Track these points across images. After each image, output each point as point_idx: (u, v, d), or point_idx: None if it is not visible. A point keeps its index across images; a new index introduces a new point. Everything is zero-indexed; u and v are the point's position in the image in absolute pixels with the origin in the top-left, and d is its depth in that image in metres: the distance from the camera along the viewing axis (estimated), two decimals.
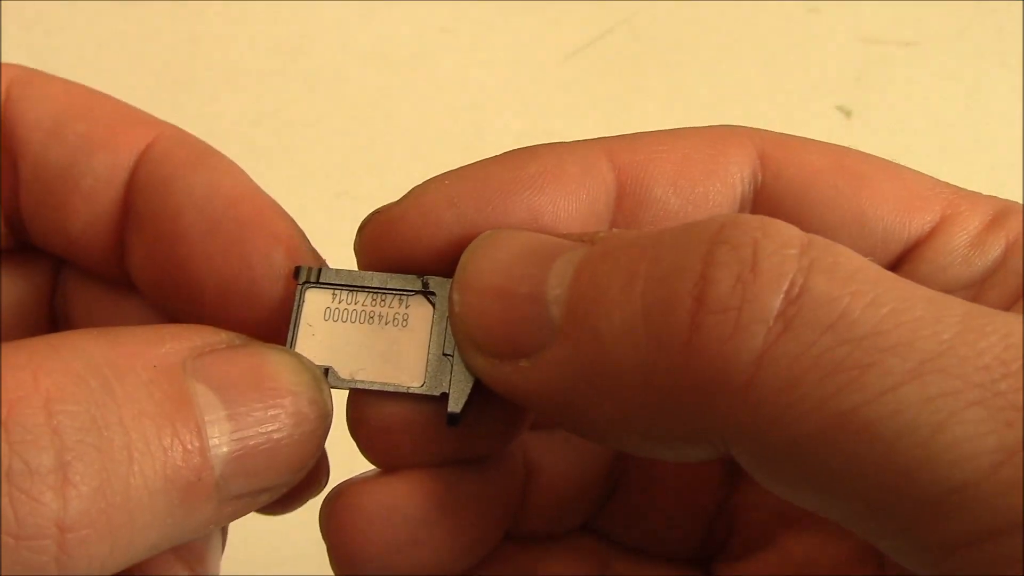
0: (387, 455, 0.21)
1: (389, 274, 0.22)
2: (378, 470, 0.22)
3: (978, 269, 0.21)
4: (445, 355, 0.21)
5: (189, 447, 0.18)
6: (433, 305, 0.21)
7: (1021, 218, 0.21)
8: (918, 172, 0.22)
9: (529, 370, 0.19)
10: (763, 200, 0.22)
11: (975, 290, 0.21)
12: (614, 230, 0.20)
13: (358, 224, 0.22)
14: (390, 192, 0.22)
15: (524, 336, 0.19)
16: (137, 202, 0.23)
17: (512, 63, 0.56)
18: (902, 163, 0.22)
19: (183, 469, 0.18)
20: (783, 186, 0.22)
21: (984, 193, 0.23)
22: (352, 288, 0.22)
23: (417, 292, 0.21)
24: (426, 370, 0.21)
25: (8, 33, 0.54)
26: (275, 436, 0.19)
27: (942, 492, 0.15)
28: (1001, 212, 0.22)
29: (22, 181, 0.24)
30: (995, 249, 0.21)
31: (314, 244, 0.24)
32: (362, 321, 0.22)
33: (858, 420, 0.15)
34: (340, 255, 0.23)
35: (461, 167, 0.21)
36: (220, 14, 0.56)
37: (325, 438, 0.20)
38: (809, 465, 0.16)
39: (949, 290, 0.21)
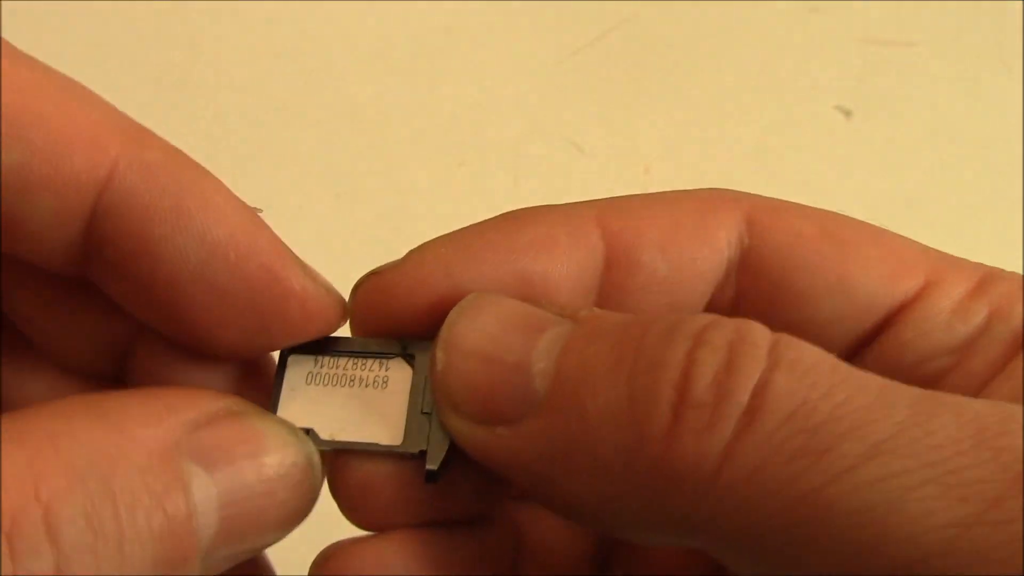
0: (367, 515, 0.22)
1: (369, 339, 0.22)
2: (366, 533, 0.22)
3: (960, 335, 0.21)
4: (424, 413, 0.21)
5: (178, 531, 0.18)
6: (412, 367, 0.22)
7: (1005, 285, 0.22)
8: (904, 237, 0.23)
9: (507, 438, 0.19)
10: (749, 264, 0.22)
11: (958, 356, 0.21)
12: (595, 310, 0.21)
13: (358, 224, 0.22)
14: (390, 192, 0.22)
15: (505, 403, 0.19)
16: (102, 248, 0.20)
17: (512, 63, 0.56)
18: (902, 163, 0.23)
19: (172, 551, 0.18)
20: (769, 251, 0.22)
21: (986, 193, 0.23)
22: (334, 353, 0.22)
23: (397, 355, 0.22)
24: (405, 429, 0.21)
25: (8, 33, 0.54)
26: (264, 504, 0.19)
27: (900, 568, 0.15)
28: (985, 278, 0.22)
29: None
30: (978, 316, 0.21)
31: (314, 244, 0.24)
32: (343, 384, 0.22)
33: (816, 502, 0.16)
34: (340, 255, 0.23)
35: (456, 232, 0.22)
36: (220, 14, 0.56)
37: (314, 499, 0.21)
38: (773, 548, 0.17)
39: (932, 356, 0.21)
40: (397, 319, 0.22)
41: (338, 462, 0.22)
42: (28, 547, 0.17)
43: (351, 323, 0.23)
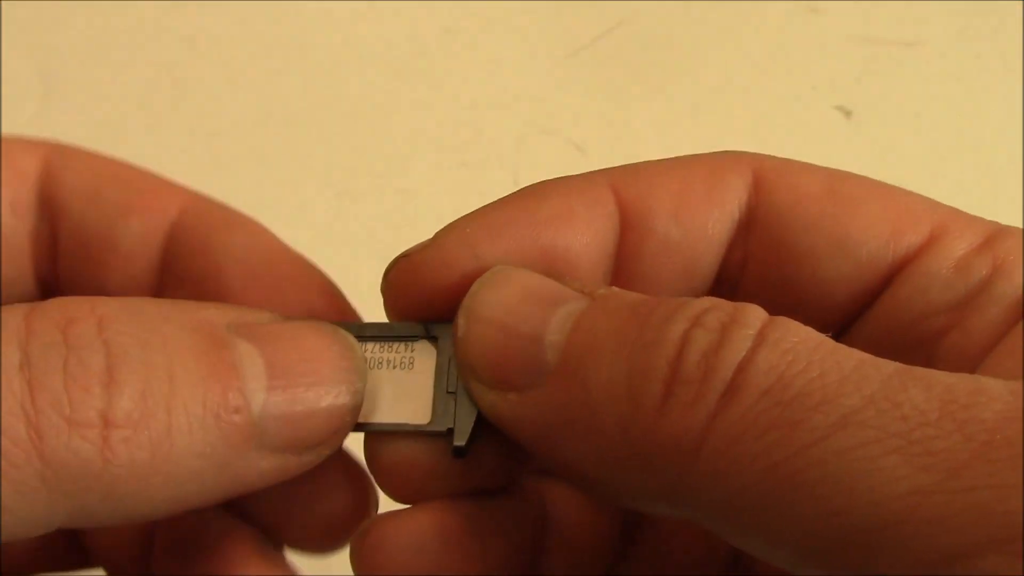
0: (402, 490, 0.23)
1: (393, 323, 0.23)
2: (400, 507, 0.23)
3: (959, 292, 0.21)
4: (449, 393, 0.22)
5: (227, 384, 0.20)
6: (436, 348, 0.23)
7: (1011, 241, 0.22)
8: (914, 193, 0.23)
9: (516, 404, 0.20)
10: (755, 224, 0.23)
11: (957, 315, 0.21)
12: (613, 289, 0.21)
13: (358, 224, 0.23)
14: (390, 192, 0.23)
15: (517, 371, 0.20)
16: (175, 262, 0.25)
17: (512, 63, 0.56)
18: (902, 163, 0.23)
19: (220, 402, 0.20)
20: (773, 210, 0.23)
21: (986, 194, 0.23)
22: (360, 338, 0.23)
23: (421, 337, 0.23)
24: (432, 408, 0.22)
25: (8, 33, 0.54)
26: (311, 391, 0.21)
27: (863, 535, 0.16)
28: (994, 234, 0.22)
29: (61, 246, 0.26)
30: (979, 272, 0.21)
31: (314, 244, 0.24)
32: (371, 367, 0.23)
33: (786, 471, 0.17)
34: (340, 255, 0.23)
35: (478, 210, 0.23)
36: (220, 14, 0.56)
37: (361, 397, 0.22)
38: (751, 517, 0.17)
39: (930, 314, 0.22)
40: (428, 299, 0.22)
41: (373, 443, 0.23)
42: (83, 342, 0.19)
43: (385, 306, 0.24)
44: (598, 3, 0.58)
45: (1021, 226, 0.23)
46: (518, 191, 0.23)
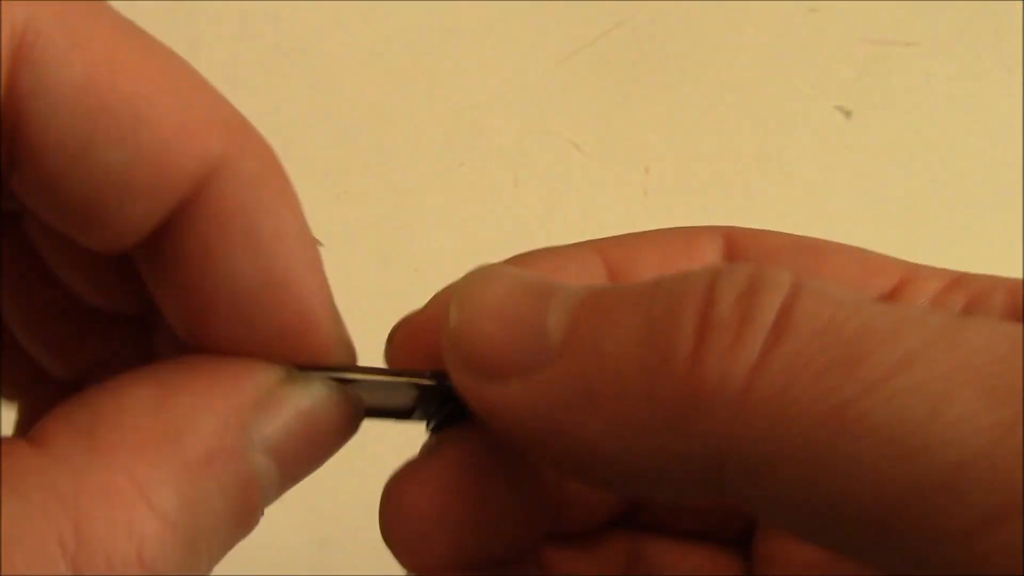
0: (420, 559, 0.22)
1: (376, 367, 0.23)
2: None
3: None
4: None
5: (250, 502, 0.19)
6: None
7: (980, 281, 0.22)
8: (874, 251, 0.24)
9: (521, 391, 0.19)
10: None
11: None
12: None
13: (358, 223, 0.23)
14: (390, 192, 0.22)
15: (518, 356, 0.19)
16: (162, 246, 0.20)
17: (512, 63, 0.56)
18: (902, 163, 0.23)
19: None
20: (747, 260, 0.23)
21: (986, 193, 0.23)
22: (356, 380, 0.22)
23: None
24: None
25: None
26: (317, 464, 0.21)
27: (942, 474, 0.15)
28: (961, 276, 0.22)
29: (20, 162, 0.18)
30: (956, 304, 0.22)
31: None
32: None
33: (851, 413, 0.16)
34: (340, 255, 0.23)
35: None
36: (220, 14, 0.56)
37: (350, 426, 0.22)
38: (809, 470, 0.16)
39: None
40: (431, 359, 0.22)
41: (389, 506, 0.22)
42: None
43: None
44: (598, 3, 0.58)
45: (1022, 226, 0.23)
46: (513, 256, 0.23)
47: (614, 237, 0.24)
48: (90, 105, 0.17)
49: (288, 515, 0.24)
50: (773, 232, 0.24)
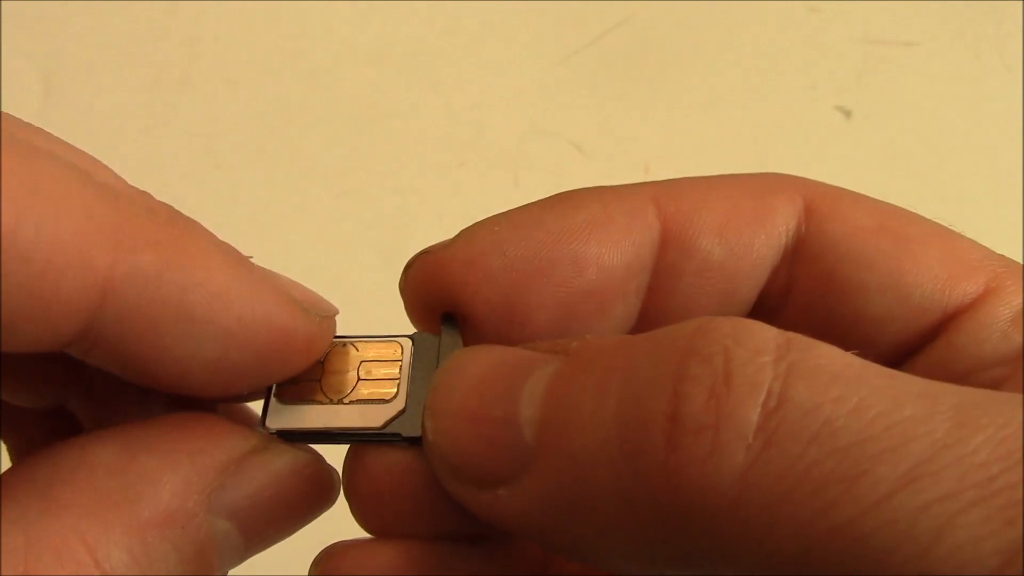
0: (378, 518, 0.21)
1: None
2: (370, 536, 0.21)
3: (1016, 345, 0.20)
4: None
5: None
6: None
7: None
8: (968, 239, 0.22)
9: (508, 499, 0.18)
10: (804, 253, 0.22)
11: (1012, 366, 0.20)
12: (588, 338, 0.19)
13: (358, 224, 0.22)
14: (390, 192, 0.22)
15: (500, 463, 0.18)
16: (98, 352, 0.18)
17: (512, 63, 0.56)
18: (902, 163, 0.22)
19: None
20: (826, 241, 0.21)
21: (986, 193, 0.22)
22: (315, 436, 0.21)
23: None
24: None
25: (8, 33, 0.54)
26: (277, 515, 0.20)
27: None
28: None
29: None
30: None
31: (314, 244, 0.24)
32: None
33: (851, 534, 0.15)
34: (340, 255, 0.23)
35: (510, 211, 0.21)
36: (220, 14, 0.56)
37: (327, 497, 0.21)
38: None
39: (986, 366, 0.20)
40: (449, 297, 0.21)
41: (354, 463, 0.21)
42: None
43: (404, 301, 0.22)
44: (598, 3, 0.58)
45: (1022, 226, 0.22)
46: (555, 195, 0.21)
47: (677, 182, 0.22)
48: None
49: None
50: (860, 200, 0.22)
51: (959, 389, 0.16)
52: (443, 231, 0.23)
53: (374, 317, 0.25)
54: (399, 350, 0.22)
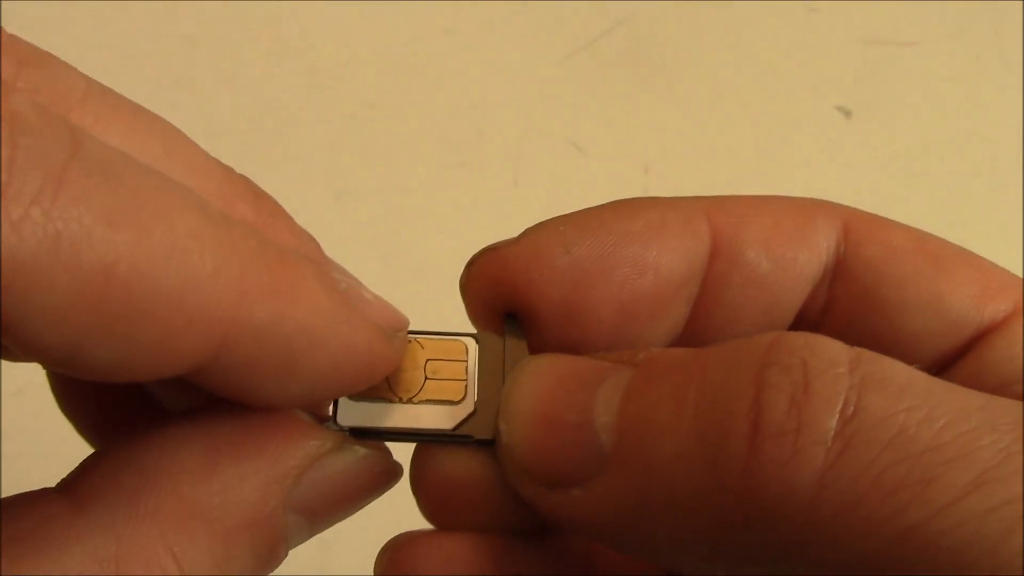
0: (443, 513, 0.22)
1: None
2: (432, 528, 0.22)
3: None
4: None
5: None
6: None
7: None
8: (995, 264, 0.23)
9: (581, 500, 0.19)
10: (844, 271, 0.23)
11: None
12: (654, 349, 0.20)
13: (358, 223, 0.22)
14: (390, 192, 0.22)
15: (575, 464, 0.19)
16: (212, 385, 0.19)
17: (512, 63, 0.56)
18: (902, 163, 0.23)
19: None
20: (864, 260, 0.22)
21: (986, 193, 0.23)
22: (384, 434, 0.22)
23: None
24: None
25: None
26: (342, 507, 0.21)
27: None
28: None
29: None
30: None
31: None
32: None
33: (923, 536, 0.15)
34: (339, 255, 0.23)
35: (573, 213, 0.22)
36: (220, 14, 0.56)
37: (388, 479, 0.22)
38: None
39: (1015, 381, 0.21)
40: (513, 293, 0.22)
41: (421, 460, 0.22)
42: None
43: (465, 298, 0.23)
44: (598, 3, 0.58)
45: (1022, 226, 0.23)
46: (613, 202, 0.22)
47: (725, 198, 0.23)
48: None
49: None
50: (894, 224, 0.23)
51: (1013, 403, 0.16)
52: (443, 231, 0.23)
53: None
54: (464, 350, 0.22)
